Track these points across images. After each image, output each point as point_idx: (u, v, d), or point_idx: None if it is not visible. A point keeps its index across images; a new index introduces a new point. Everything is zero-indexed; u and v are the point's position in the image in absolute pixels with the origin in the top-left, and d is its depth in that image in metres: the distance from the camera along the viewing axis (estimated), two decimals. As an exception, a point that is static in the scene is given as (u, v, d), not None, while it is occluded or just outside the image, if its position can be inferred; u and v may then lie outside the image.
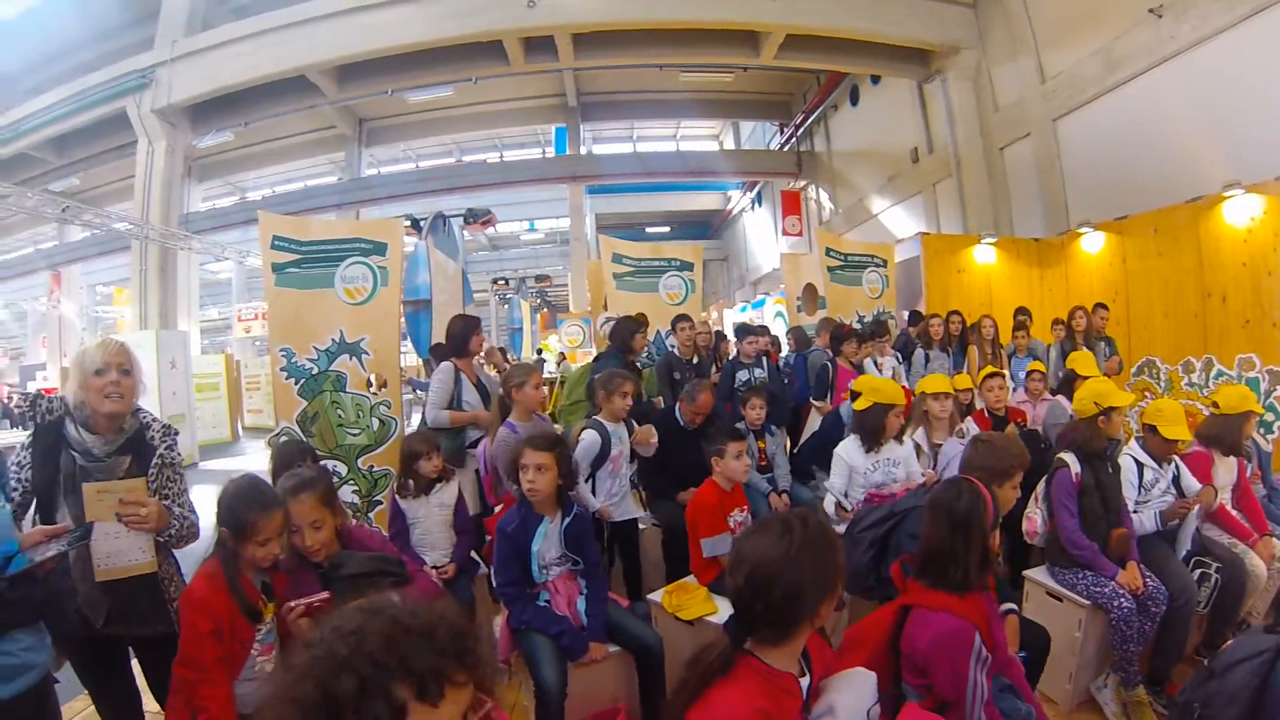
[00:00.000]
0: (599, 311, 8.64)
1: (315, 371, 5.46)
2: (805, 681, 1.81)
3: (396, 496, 4.22)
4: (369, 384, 5.57)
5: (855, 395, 4.70)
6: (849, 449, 4.49)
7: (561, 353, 18.61)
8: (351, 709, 1.06)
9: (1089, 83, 10.99)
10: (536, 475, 3.25)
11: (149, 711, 2.92)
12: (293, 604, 2.42)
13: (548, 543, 3.34)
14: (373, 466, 5.54)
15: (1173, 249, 8.18)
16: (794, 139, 22.54)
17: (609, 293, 8.10)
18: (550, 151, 25.44)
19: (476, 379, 5.33)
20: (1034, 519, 3.94)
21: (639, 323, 6.46)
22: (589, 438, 4.49)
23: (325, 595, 2.45)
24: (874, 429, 4.43)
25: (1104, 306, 7.67)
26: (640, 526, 4.95)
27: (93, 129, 17.74)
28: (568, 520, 3.38)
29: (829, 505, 4.47)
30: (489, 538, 4.38)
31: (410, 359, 13.70)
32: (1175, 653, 3.69)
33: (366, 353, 5.54)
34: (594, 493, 4.49)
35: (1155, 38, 9.65)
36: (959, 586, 2.30)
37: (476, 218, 16.23)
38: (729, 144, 28.67)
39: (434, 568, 3.99)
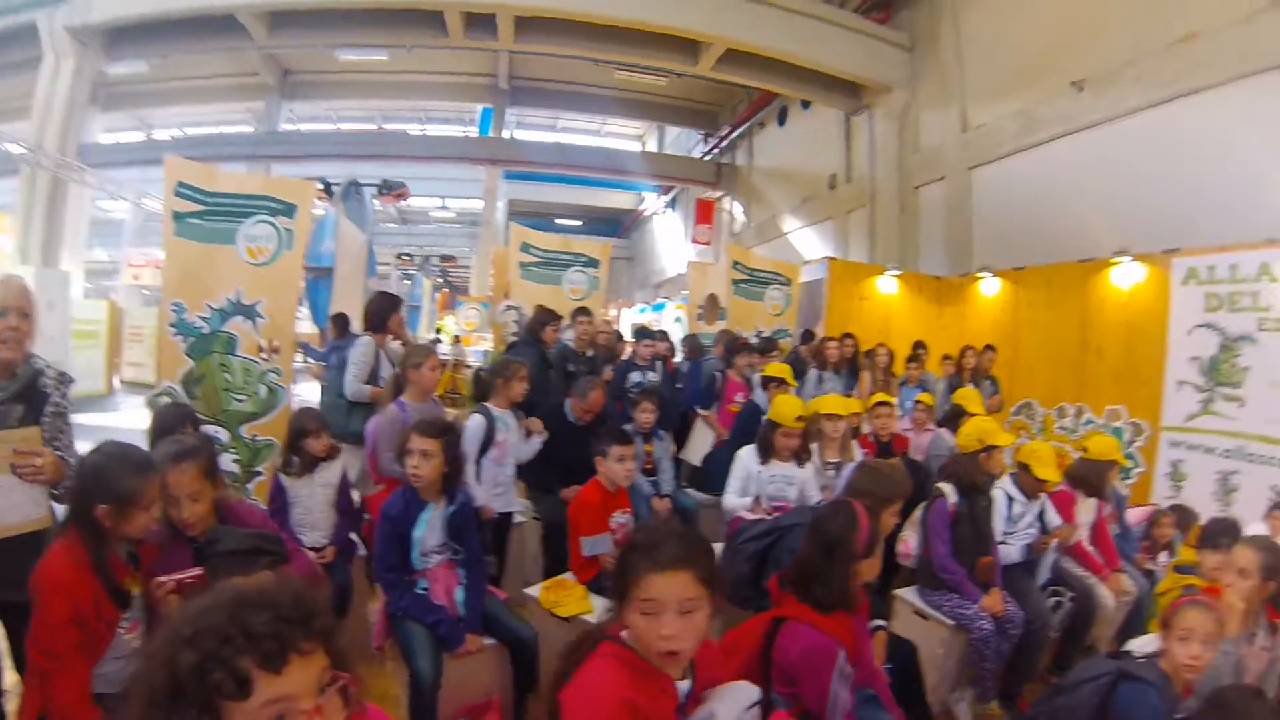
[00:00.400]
0: (500, 298, 8.56)
1: (206, 330, 5.17)
2: (686, 685, 1.84)
3: (280, 473, 4.09)
4: (260, 349, 5.31)
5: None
6: (748, 453, 4.61)
7: (456, 335, 18.32)
8: (195, 684, 1.02)
9: (1007, 139, 11.49)
10: (421, 461, 3.21)
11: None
12: (162, 579, 2.27)
13: (430, 530, 3.30)
14: (256, 436, 5.29)
15: (1061, 302, 8.73)
16: (717, 150, 22.81)
17: (513, 280, 8.04)
18: (474, 131, 24.96)
19: (391, 357, 5.33)
20: (909, 542, 4.23)
21: (552, 314, 6.50)
22: (474, 423, 4.51)
23: (198, 571, 2.31)
24: (763, 442, 4.56)
25: (992, 348, 8.17)
26: (520, 519, 5.01)
27: (-5, 38, 16.21)
28: (452, 509, 3.35)
29: (729, 503, 4.54)
30: (367, 517, 4.37)
31: (305, 326, 13.24)
32: (1028, 671, 3.99)
33: (262, 316, 5.27)
34: (479, 479, 4.45)
35: (1073, 108, 10.20)
36: (824, 605, 2.40)
37: (391, 189, 15.89)
38: (651, 146, 28.77)
39: (313, 550, 3.89)
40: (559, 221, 33.55)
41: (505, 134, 22.94)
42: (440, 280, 30.61)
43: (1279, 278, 6.56)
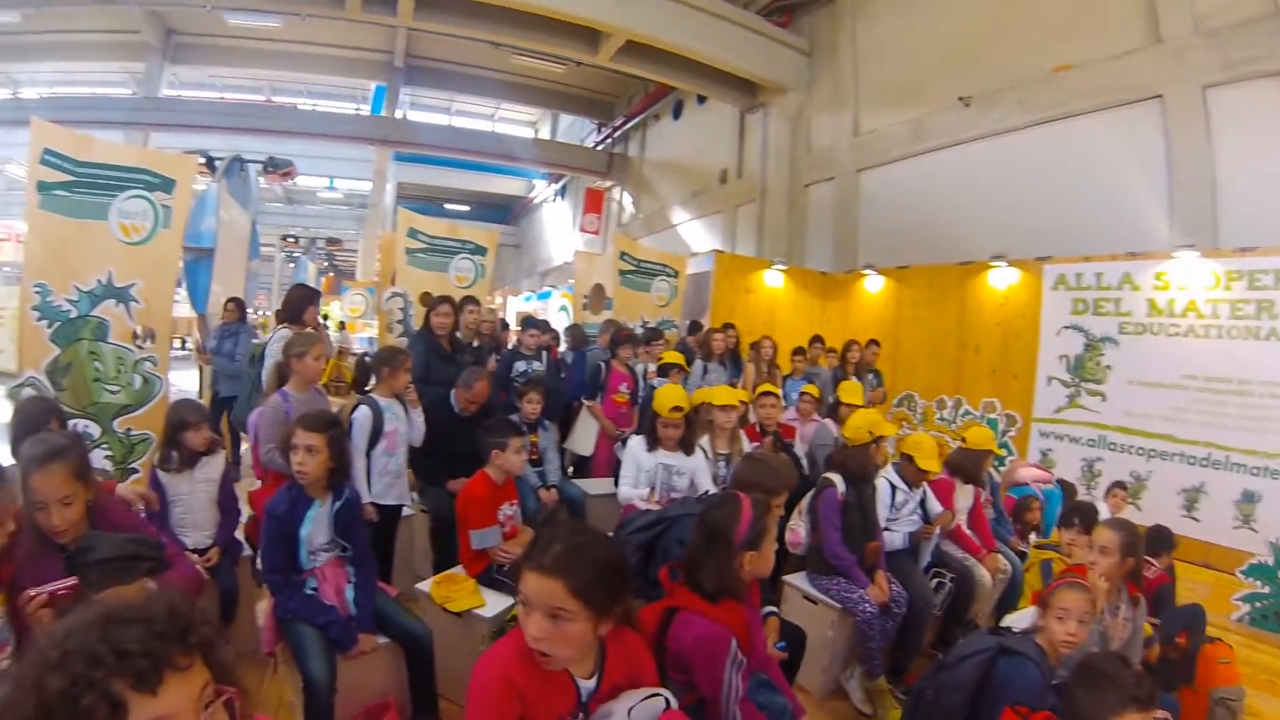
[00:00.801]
0: (386, 285, 8.31)
1: (74, 315, 4.80)
2: (590, 684, 1.88)
3: (158, 470, 3.78)
4: (135, 336, 4.96)
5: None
6: (638, 443, 4.60)
7: (342, 321, 17.81)
8: (65, 710, 0.93)
9: (896, 145, 11.90)
10: (306, 457, 3.11)
11: None
12: (33, 593, 2.04)
13: (317, 527, 3.19)
14: (130, 430, 4.96)
15: (941, 301, 9.27)
16: (610, 140, 22.69)
17: (399, 267, 7.79)
18: (366, 109, 24.01)
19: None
20: (798, 531, 4.28)
21: (444, 299, 6.35)
22: (361, 415, 4.36)
23: (72, 582, 2.10)
24: (649, 431, 4.58)
25: (876, 343, 8.48)
26: (408, 512, 4.88)
27: None
28: (338, 504, 3.26)
29: (623, 493, 4.53)
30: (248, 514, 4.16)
31: (183, 310, 12.46)
32: (914, 648, 4.21)
33: (136, 300, 4.95)
34: (369, 472, 4.34)
35: (959, 122, 10.69)
36: (711, 594, 2.41)
37: (277, 168, 15.13)
38: (545, 134, 28.27)
39: (196, 552, 3.65)
40: (448, 206, 32.95)
41: (398, 114, 22.09)
42: (326, 264, 29.40)
43: (1139, 286, 7.27)
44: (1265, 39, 7.29)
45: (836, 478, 4.18)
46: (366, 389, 4.62)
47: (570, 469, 6.64)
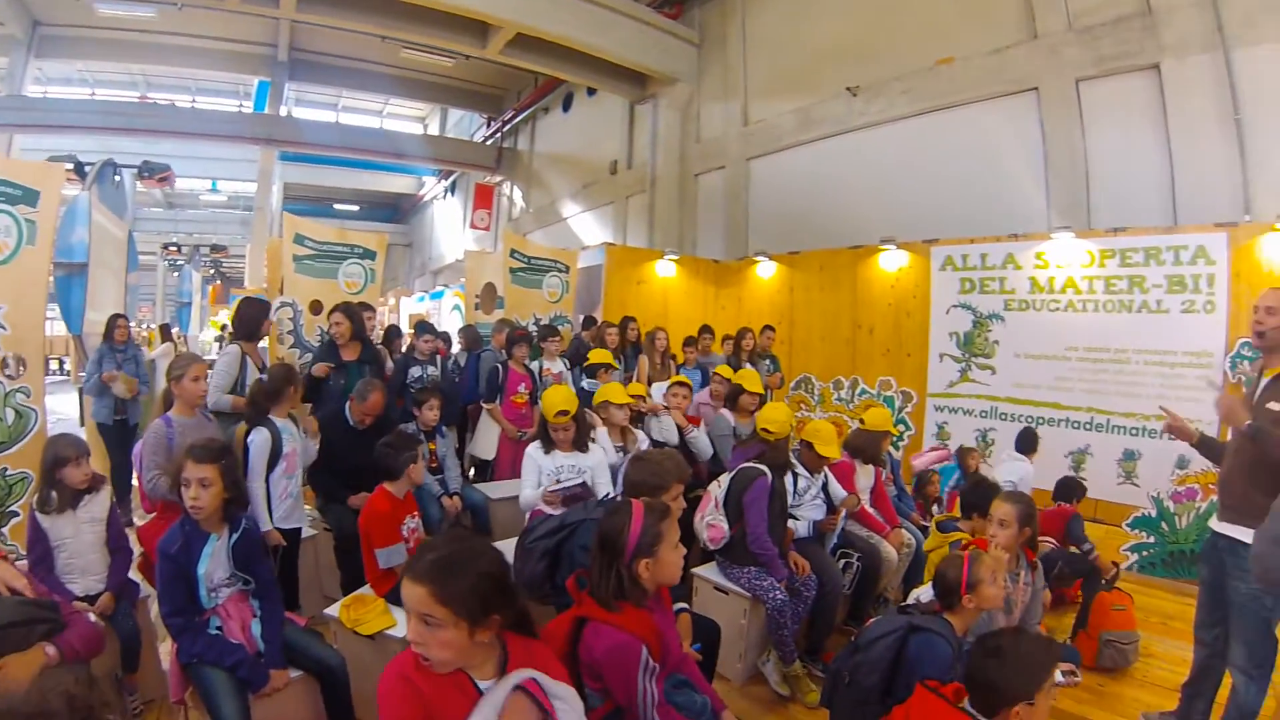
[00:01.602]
0: (275, 294, 7.92)
1: None
2: (493, 685, 1.87)
3: (37, 513, 3.39)
4: (4, 365, 4.53)
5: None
6: (534, 449, 4.53)
7: (223, 332, 17.03)
8: None
9: (785, 134, 12.13)
10: (200, 491, 2.91)
11: None
12: None
13: (215, 563, 2.99)
14: (6, 469, 4.50)
15: (833, 285, 9.46)
16: (499, 134, 22.39)
17: (286, 275, 7.36)
18: (249, 106, 22.78)
19: (262, 363, 5.07)
20: (719, 526, 4.18)
21: (365, 307, 6.34)
22: (260, 438, 4.11)
23: None
24: (544, 434, 4.53)
25: (771, 328, 8.51)
26: (311, 532, 4.69)
27: None
28: (236, 536, 3.07)
29: (525, 498, 4.44)
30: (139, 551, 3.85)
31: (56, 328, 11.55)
32: (827, 628, 4.29)
33: (3, 327, 4.52)
34: (269, 496, 4.12)
35: (847, 111, 11.00)
36: (607, 602, 2.39)
37: (153, 173, 14.18)
38: (434, 129, 27.77)
39: (86, 598, 3.32)
40: (337, 207, 31.90)
41: (283, 111, 21.12)
42: (212, 271, 27.89)
43: (1021, 265, 7.64)
44: (1135, 36, 7.85)
45: (764, 467, 4.18)
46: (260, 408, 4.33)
47: (473, 472, 6.58)
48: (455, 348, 8.00)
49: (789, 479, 4.41)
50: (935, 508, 5.71)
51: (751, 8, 13.13)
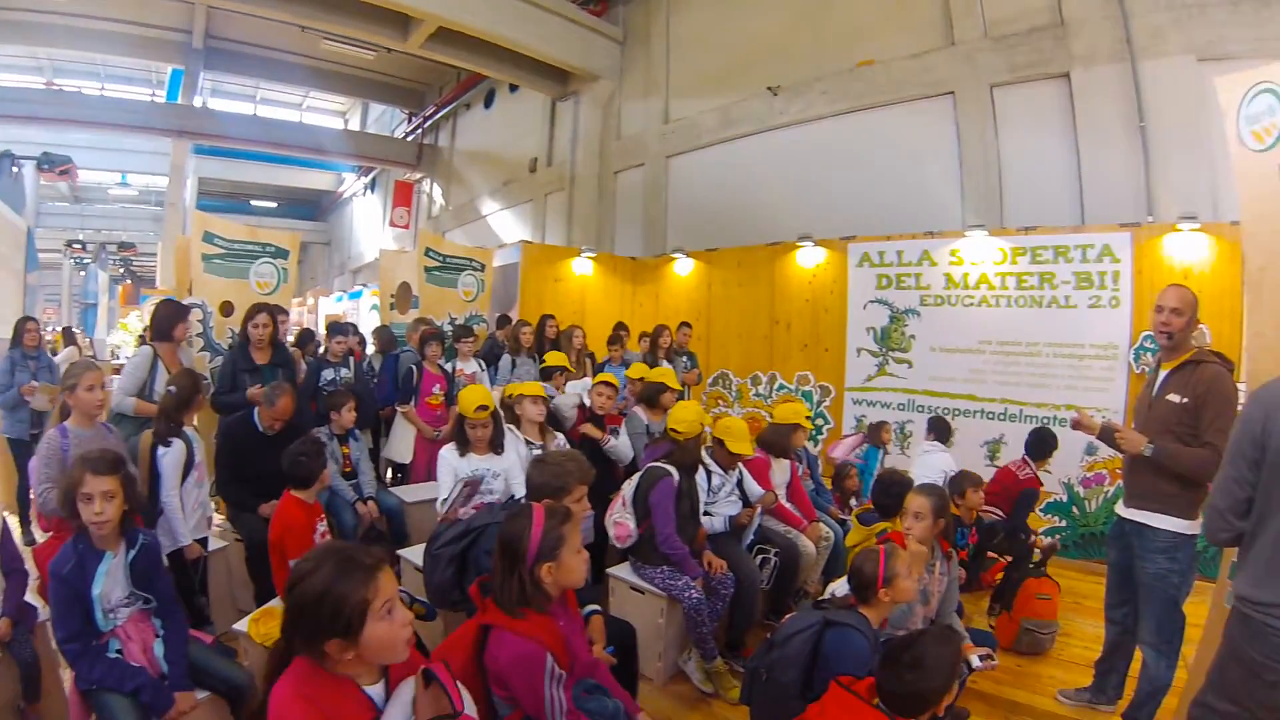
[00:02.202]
0: (184, 295, 7.55)
1: None
2: (378, 689, 1.86)
3: None
4: None
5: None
6: (448, 451, 4.49)
7: (141, 335, 16.32)
8: None
9: (705, 132, 12.16)
10: (105, 504, 2.75)
11: None
12: None
13: (111, 582, 2.81)
14: None
15: (751, 281, 9.49)
16: (420, 130, 22.01)
17: (195, 275, 7.02)
18: (161, 95, 21.59)
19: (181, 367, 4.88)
20: (625, 524, 4.20)
21: (279, 309, 6.11)
22: (174, 450, 3.97)
23: None
24: (460, 436, 4.48)
25: (688, 325, 8.53)
26: (221, 544, 4.56)
27: None
28: (133, 552, 2.89)
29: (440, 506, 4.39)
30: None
31: None
32: (746, 624, 4.32)
33: None
34: (183, 509, 3.97)
35: (768, 110, 11.11)
36: (510, 608, 2.37)
37: (53, 165, 13.52)
38: (355, 124, 27.11)
39: None
40: (254, 203, 30.85)
41: (198, 101, 20.14)
42: (121, 270, 26.49)
43: (936, 262, 7.80)
44: (1047, 46, 8.21)
45: (670, 467, 4.16)
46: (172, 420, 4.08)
47: (390, 475, 6.60)
48: (369, 349, 7.83)
49: (702, 477, 4.46)
50: (854, 500, 5.72)
51: (676, 6, 13.16)
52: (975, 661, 3.07)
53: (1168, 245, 6.53)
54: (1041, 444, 5.60)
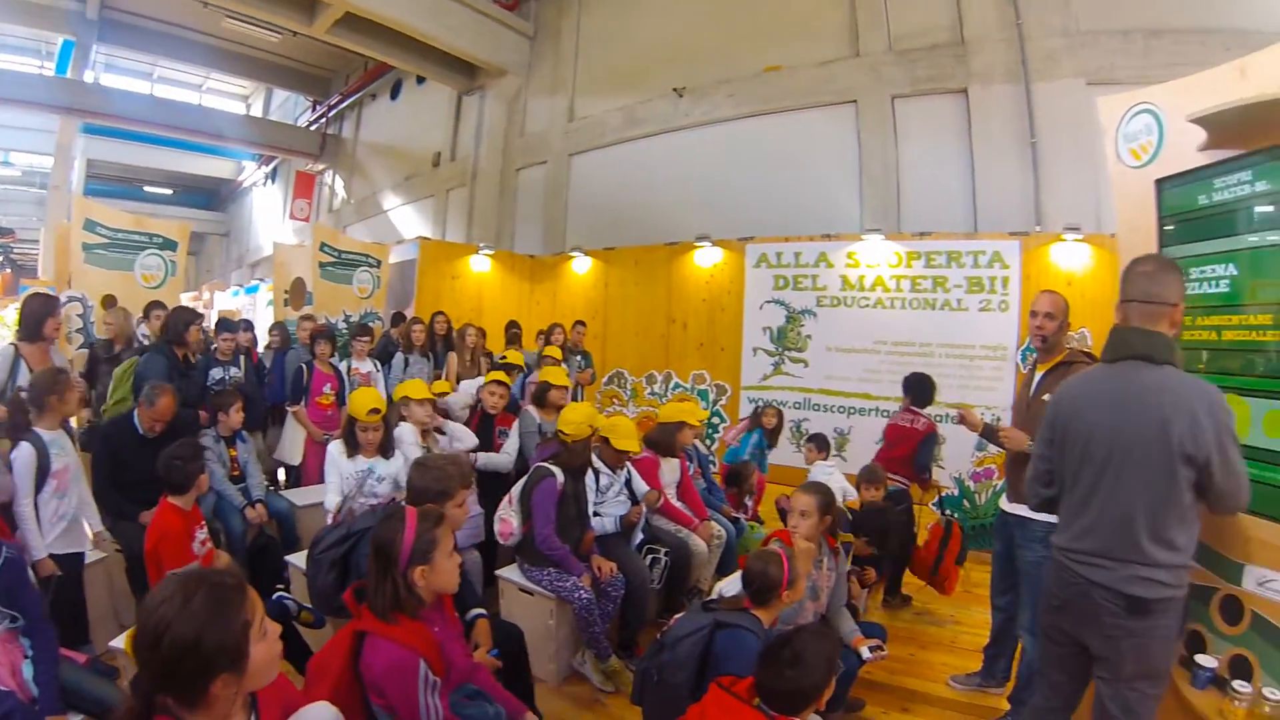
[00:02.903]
0: (63, 287, 7.06)
1: None
2: None
3: None
4: None
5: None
6: (335, 449, 4.39)
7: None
8: None
9: (609, 131, 12.14)
10: None
11: None
12: None
13: None
14: None
15: (649, 280, 9.52)
16: (324, 119, 21.39)
17: (75, 267, 6.68)
18: (50, 69, 19.88)
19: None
20: (509, 521, 4.15)
21: (194, 314, 5.77)
22: (24, 454, 3.57)
23: None
24: (348, 436, 4.40)
25: (583, 323, 8.40)
26: (100, 555, 4.14)
27: None
28: None
29: (330, 503, 4.29)
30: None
31: None
32: (639, 623, 4.28)
33: None
34: (40, 519, 3.60)
35: (672, 111, 11.19)
36: (384, 613, 2.32)
37: None
38: (257, 110, 26.05)
39: None
40: (148, 189, 29.04)
41: (89, 77, 18.85)
42: (1, 258, 24.97)
43: (833, 264, 7.94)
44: (947, 62, 8.58)
45: (555, 468, 4.10)
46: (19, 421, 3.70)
47: (282, 475, 6.44)
48: (260, 347, 7.48)
49: (590, 477, 4.37)
50: (748, 499, 5.64)
51: (588, 4, 13.12)
52: (865, 653, 3.23)
53: (1054, 253, 6.83)
54: (921, 387, 5.60)
